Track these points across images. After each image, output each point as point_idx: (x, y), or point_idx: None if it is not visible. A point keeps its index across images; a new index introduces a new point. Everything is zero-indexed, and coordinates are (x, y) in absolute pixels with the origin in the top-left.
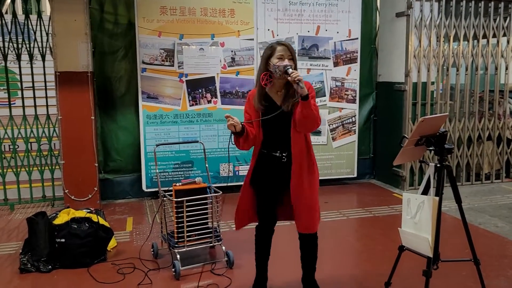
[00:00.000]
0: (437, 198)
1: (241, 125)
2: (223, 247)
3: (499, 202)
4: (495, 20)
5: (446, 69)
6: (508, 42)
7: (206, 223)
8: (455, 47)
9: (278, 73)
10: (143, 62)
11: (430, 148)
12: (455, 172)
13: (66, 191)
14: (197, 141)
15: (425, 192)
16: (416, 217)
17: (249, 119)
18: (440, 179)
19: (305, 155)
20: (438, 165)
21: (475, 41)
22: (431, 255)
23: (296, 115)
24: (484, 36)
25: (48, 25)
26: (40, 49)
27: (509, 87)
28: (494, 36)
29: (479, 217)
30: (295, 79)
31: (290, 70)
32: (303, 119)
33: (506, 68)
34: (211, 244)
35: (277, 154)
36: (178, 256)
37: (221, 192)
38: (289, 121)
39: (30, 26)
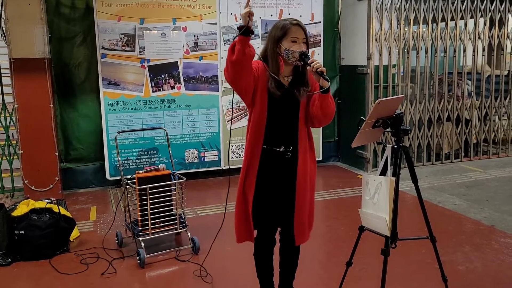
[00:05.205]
0: (394, 179)
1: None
2: (189, 233)
3: (458, 181)
4: (453, 3)
5: (407, 52)
6: (465, 24)
7: (171, 210)
8: (415, 30)
9: (291, 59)
10: (103, 48)
11: (387, 129)
12: (416, 153)
13: (25, 181)
14: (160, 128)
15: (383, 173)
16: (375, 197)
17: (256, 76)
18: (397, 160)
19: (308, 150)
20: (395, 146)
21: (434, 24)
22: (388, 234)
23: (312, 109)
24: (443, 19)
25: (1, 10)
26: None
27: (467, 69)
28: (452, 19)
29: (438, 196)
30: (318, 70)
31: (309, 59)
32: (321, 114)
33: (464, 51)
34: (176, 231)
35: (281, 150)
36: (142, 244)
37: (185, 179)
38: (297, 110)
39: None
